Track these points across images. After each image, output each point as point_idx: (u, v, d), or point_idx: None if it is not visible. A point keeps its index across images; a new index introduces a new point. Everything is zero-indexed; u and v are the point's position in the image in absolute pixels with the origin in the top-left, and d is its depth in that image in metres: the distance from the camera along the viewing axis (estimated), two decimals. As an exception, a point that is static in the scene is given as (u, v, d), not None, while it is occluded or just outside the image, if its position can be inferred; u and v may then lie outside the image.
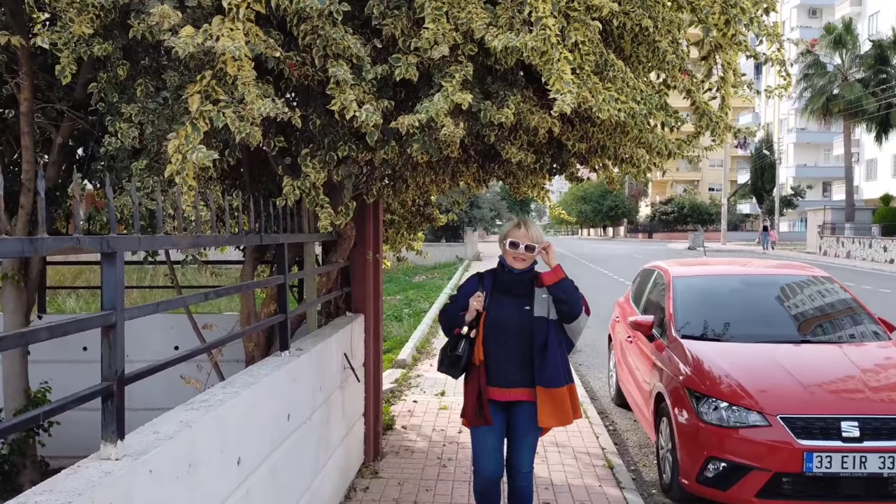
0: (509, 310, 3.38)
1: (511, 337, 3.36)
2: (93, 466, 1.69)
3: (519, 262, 3.39)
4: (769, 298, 5.72)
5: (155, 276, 11.91)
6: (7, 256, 1.31)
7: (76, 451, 1.75)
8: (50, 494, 1.52)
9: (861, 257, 30.85)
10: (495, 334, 3.37)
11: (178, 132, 2.64)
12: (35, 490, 1.55)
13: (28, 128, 3.71)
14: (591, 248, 43.63)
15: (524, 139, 3.66)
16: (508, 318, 3.37)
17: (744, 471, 4.11)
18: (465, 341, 3.34)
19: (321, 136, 3.49)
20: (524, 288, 3.40)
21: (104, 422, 1.74)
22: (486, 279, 3.49)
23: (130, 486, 1.70)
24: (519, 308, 3.37)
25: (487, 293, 3.41)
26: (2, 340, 1.31)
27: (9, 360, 4.20)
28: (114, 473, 1.65)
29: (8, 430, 1.41)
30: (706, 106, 3.53)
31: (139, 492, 1.75)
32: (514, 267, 3.40)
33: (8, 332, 1.47)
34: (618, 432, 6.29)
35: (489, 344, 3.37)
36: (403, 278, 20.60)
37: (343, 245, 4.51)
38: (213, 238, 2.48)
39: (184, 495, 2.01)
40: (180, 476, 1.99)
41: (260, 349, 4.27)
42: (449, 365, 3.41)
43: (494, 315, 3.38)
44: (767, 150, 47.86)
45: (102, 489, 1.58)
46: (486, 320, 3.37)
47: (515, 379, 3.38)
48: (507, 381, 3.38)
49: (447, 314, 3.53)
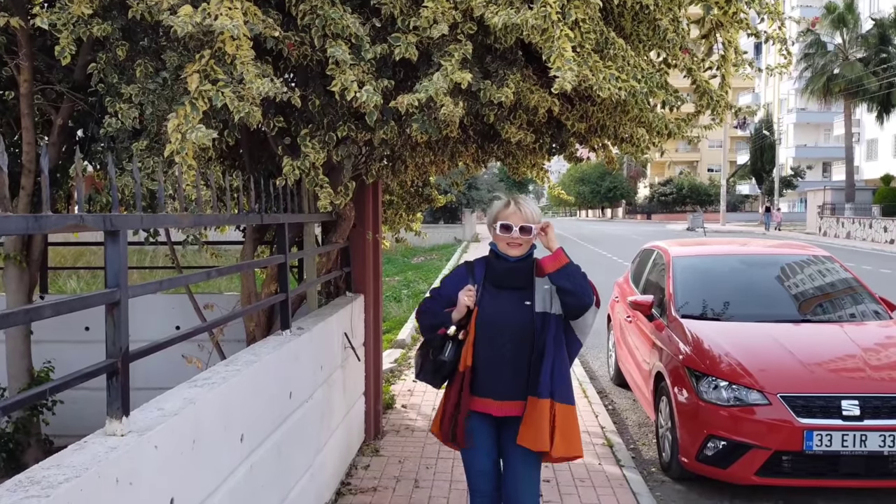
0: (505, 305, 2.81)
1: (508, 338, 2.78)
2: (98, 442, 1.72)
3: (514, 247, 2.82)
4: (769, 278, 5.73)
5: (155, 258, 11.92)
6: (12, 233, 1.31)
7: (80, 431, 1.78)
8: (57, 469, 1.54)
9: (861, 238, 30.86)
10: (489, 335, 2.78)
11: (178, 112, 2.64)
12: (42, 465, 1.57)
13: (28, 109, 3.70)
14: (590, 230, 43.63)
15: (524, 119, 3.66)
16: (505, 315, 2.79)
17: (743, 449, 4.13)
18: (451, 343, 2.78)
19: (320, 117, 3.49)
20: (522, 278, 2.83)
21: (109, 398, 1.76)
22: (476, 269, 2.91)
23: (136, 461, 1.73)
24: (517, 303, 2.80)
25: (479, 286, 2.84)
26: (6, 317, 1.33)
27: (12, 339, 4.22)
28: (119, 449, 1.68)
29: (15, 405, 1.43)
30: (707, 84, 3.52)
31: (145, 467, 1.77)
32: (509, 254, 2.82)
33: (13, 308, 1.48)
34: (617, 411, 6.34)
35: (480, 346, 2.79)
36: (402, 260, 20.62)
37: (343, 226, 4.52)
38: (215, 217, 2.49)
39: (189, 470, 2.04)
40: (185, 452, 2.02)
41: (261, 329, 4.30)
42: (431, 372, 2.85)
43: (488, 312, 2.80)
44: (767, 131, 47.69)
45: (109, 464, 1.61)
46: (477, 318, 2.79)
47: (509, 389, 2.79)
48: (499, 392, 2.80)
49: (429, 312, 2.92)
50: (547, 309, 2.80)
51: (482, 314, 2.80)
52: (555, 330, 2.79)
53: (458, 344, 2.78)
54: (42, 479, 1.49)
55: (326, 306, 4.35)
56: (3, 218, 1.21)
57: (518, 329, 2.78)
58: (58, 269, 10.19)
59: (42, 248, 4.36)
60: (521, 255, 2.82)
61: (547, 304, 2.80)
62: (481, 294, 2.83)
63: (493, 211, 2.89)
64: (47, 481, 1.47)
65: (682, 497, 4.45)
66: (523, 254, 2.83)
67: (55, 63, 3.68)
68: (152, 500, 1.82)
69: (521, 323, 2.79)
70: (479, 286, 2.84)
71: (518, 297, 2.82)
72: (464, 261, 3.16)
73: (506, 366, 2.79)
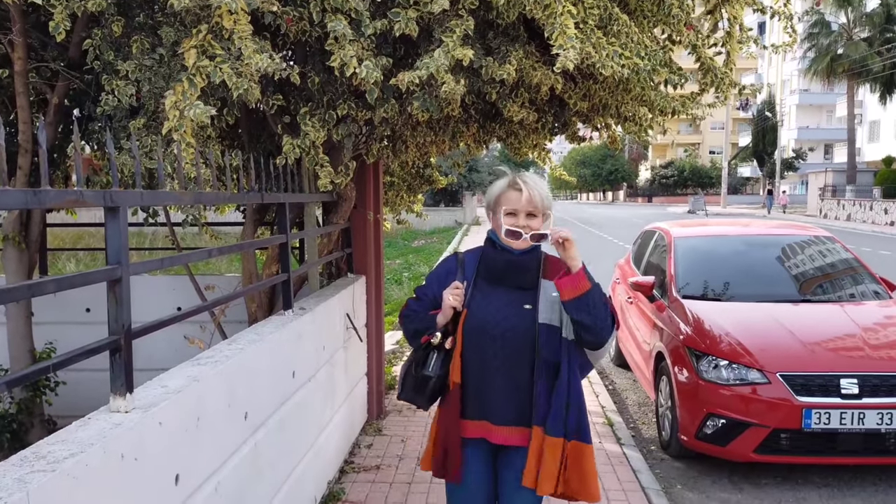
0: (502, 308, 2.26)
1: (499, 346, 2.23)
2: (103, 418, 1.72)
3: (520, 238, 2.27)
4: (770, 258, 5.73)
5: (154, 242, 11.92)
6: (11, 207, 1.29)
7: (82, 412, 1.77)
8: (63, 444, 1.54)
9: (861, 220, 30.84)
10: (477, 342, 2.25)
11: (175, 88, 2.61)
12: (48, 440, 1.57)
13: (23, 88, 3.66)
14: (592, 213, 43.59)
15: (526, 97, 3.63)
16: (500, 319, 2.24)
17: (742, 427, 4.17)
18: (436, 355, 2.28)
19: (320, 95, 3.46)
20: (525, 276, 2.29)
21: (113, 375, 1.76)
22: (467, 262, 2.38)
23: (141, 437, 1.73)
24: (516, 306, 2.26)
25: (470, 283, 2.31)
26: (10, 292, 1.32)
27: (13, 320, 4.22)
28: (124, 425, 1.68)
29: (20, 379, 1.43)
30: (711, 62, 3.48)
31: (150, 443, 1.77)
32: (513, 245, 2.27)
33: (15, 284, 1.47)
34: (617, 391, 6.37)
35: (469, 357, 2.26)
36: (403, 243, 20.62)
37: (344, 206, 4.50)
38: (215, 195, 2.47)
39: (193, 447, 2.05)
40: (189, 429, 2.02)
41: (262, 310, 4.29)
42: (414, 389, 2.33)
43: (479, 315, 2.25)
44: (769, 112, 47.45)
45: (114, 440, 1.61)
46: (466, 323, 2.25)
47: (507, 411, 2.26)
48: (496, 414, 2.27)
49: (412, 316, 2.40)
50: (554, 321, 2.24)
51: (470, 317, 2.26)
52: (567, 352, 2.24)
53: (446, 355, 2.28)
54: (48, 454, 1.49)
55: (328, 287, 4.34)
56: (3, 192, 1.20)
57: (512, 336, 2.22)
58: (57, 251, 10.20)
59: (40, 230, 4.34)
60: (526, 248, 2.27)
61: (554, 316, 2.25)
62: (472, 292, 2.29)
63: (494, 192, 2.32)
64: (53, 456, 1.47)
65: (680, 474, 4.50)
66: (529, 246, 2.27)
67: (49, 40, 3.64)
68: (157, 477, 1.82)
69: (517, 329, 2.23)
70: (469, 283, 2.31)
71: (516, 297, 2.27)
72: (453, 251, 2.59)
73: (498, 381, 2.24)
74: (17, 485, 1.34)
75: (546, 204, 2.28)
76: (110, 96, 3.07)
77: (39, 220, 4.27)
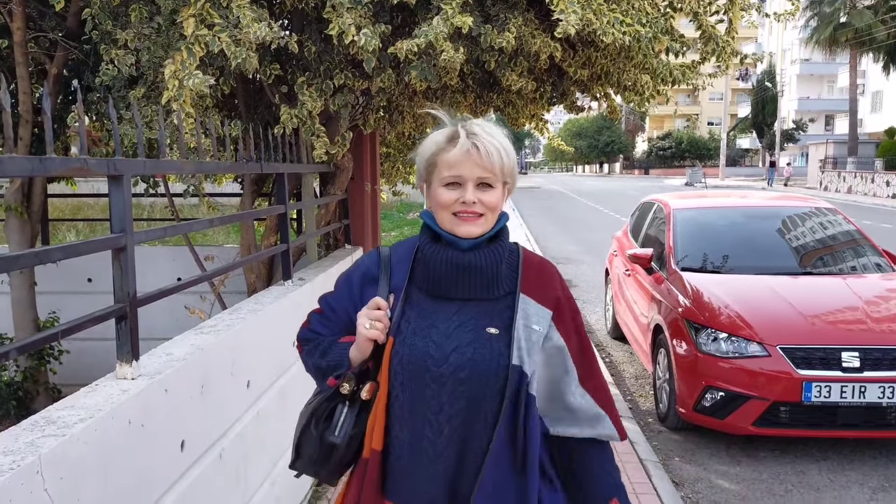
0: (451, 332, 1.42)
1: (453, 395, 1.39)
2: (110, 385, 1.75)
3: (468, 220, 1.42)
4: (771, 230, 5.70)
5: (152, 213, 11.93)
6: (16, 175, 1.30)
7: (86, 380, 1.80)
8: (72, 410, 1.57)
9: (862, 192, 30.76)
10: (416, 389, 1.41)
11: (174, 57, 2.59)
12: (57, 406, 1.60)
13: (22, 58, 3.64)
14: (589, 186, 43.52)
15: (524, 66, 3.61)
16: (448, 350, 1.40)
17: (741, 400, 4.16)
18: (347, 409, 1.45)
19: (317, 64, 3.44)
20: (484, 280, 1.44)
21: (119, 343, 1.78)
22: (396, 262, 1.51)
23: (148, 403, 1.76)
24: (474, 330, 1.42)
25: (399, 296, 1.46)
26: (17, 259, 1.33)
27: (17, 290, 4.26)
28: (131, 391, 1.71)
29: (30, 345, 1.45)
30: (713, 30, 3.46)
31: (156, 409, 1.81)
32: (458, 233, 1.43)
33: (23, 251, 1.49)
34: (614, 364, 6.42)
35: (401, 412, 1.42)
36: (398, 215, 20.59)
37: (341, 177, 4.51)
38: (215, 164, 2.47)
39: (199, 414, 2.08)
40: (194, 396, 2.05)
41: (262, 281, 4.33)
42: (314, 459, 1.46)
43: (416, 345, 1.41)
44: (769, 82, 47.07)
45: (122, 405, 1.64)
46: (395, 358, 1.42)
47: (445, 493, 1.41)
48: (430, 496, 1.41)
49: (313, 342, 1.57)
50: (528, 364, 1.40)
51: (402, 349, 1.41)
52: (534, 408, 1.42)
53: (362, 408, 1.44)
54: (58, 419, 1.52)
55: (326, 258, 4.37)
56: (9, 159, 1.21)
57: (468, 377, 1.38)
58: (57, 221, 10.22)
59: (42, 200, 4.36)
60: (480, 235, 1.43)
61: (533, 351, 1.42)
62: (402, 310, 1.44)
63: (426, 150, 1.46)
64: (63, 421, 1.50)
65: (678, 446, 4.53)
66: (485, 232, 1.43)
67: (48, 10, 3.61)
68: (164, 443, 1.86)
69: (477, 366, 1.38)
70: (398, 297, 1.46)
71: (474, 316, 1.43)
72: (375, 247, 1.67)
73: (443, 447, 1.39)
74: (30, 448, 1.37)
75: (508, 166, 1.42)
76: (110, 66, 3.05)
77: (41, 191, 4.28)
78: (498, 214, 1.46)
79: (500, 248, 1.47)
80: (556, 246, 14.19)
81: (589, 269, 11.22)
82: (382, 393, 1.42)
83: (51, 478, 1.36)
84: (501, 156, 1.41)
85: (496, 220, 1.46)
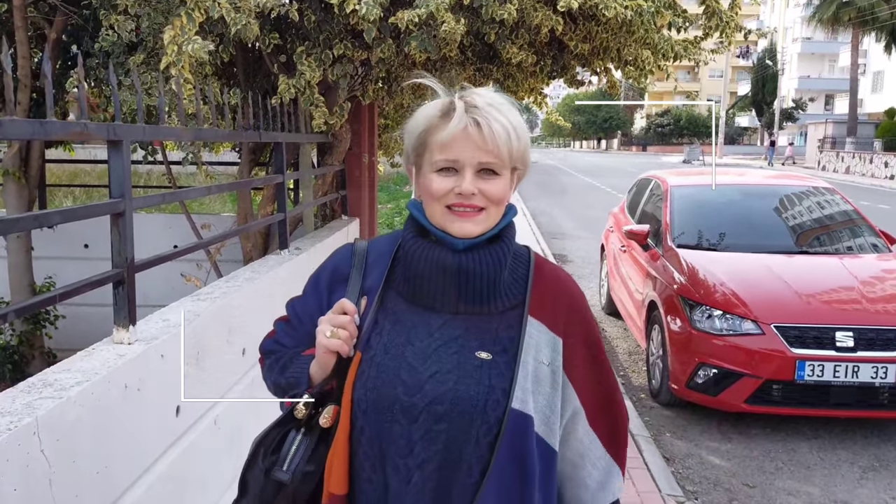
0: (431, 353, 1.12)
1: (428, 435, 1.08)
2: (107, 349, 1.76)
3: (465, 216, 1.12)
4: (768, 209, 5.70)
5: (149, 181, 11.88)
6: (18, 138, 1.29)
7: (82, 346, 1.81)
8: (69, 373, 1.59)
9: (861, 173, 30.71)
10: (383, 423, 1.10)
11: (174, 23, 2.57)
12: (54, 369, 1.62)
13: (21, 23, 3.60)
14: (586, 162, 43.40)
15: (525, 39, 3.58)
16: (425, 377, 1.10)
17: (734, 377, 4.18)
18: (301, 437, 1.14)
19: (316, 34, 3.40)
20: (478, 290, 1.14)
21: (116, 307, 1.79)
22: (372, 259, 1.23)
23: (144, 368, 1.78)
24: (460, 352, 1.12)
25: (372, 301, 1.18)
26: (17, 221, 1.34)
27: (13, 254, 4.27)
28: (128, 356, 1.72)
29: (27, 308, 1.46)
30: (716, 5, 3.42)
31: (152, 374, 1.82)
32: (452, 231, 1.12)
33: (22, 214, 1.49)
34: (607, 339, 6.46)
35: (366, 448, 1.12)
36: (394, 187, 20.52)
37: (339, 148, 4.49)
38: (214, 132, 2.46)
39: (194, 381, 2.11)
40: (190, 363, 2.07)
41: (258, 250, 4.33)
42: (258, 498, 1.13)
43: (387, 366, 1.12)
44: (770, 60, 46.70)
45: (118, 370, 1.65)
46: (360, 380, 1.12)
47: None
48: None
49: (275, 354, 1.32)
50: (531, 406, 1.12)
51: (370, 369, 1.13)
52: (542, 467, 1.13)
53: (320, 439, 1.14)
54: (55, 381, 1.53)
55: (322, 228, 4.37)
56: (10, 122, 1.20)
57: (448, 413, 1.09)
58: (55, 187, 10.20)
59: (40, 165, 4.34)
60: (479, 235, 1.14)
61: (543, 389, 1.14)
62: (375, 319, 1.17)
63: (417, 125, 1.18)
64: (60, 384, 1.52)
65: (669, 422, 4.57)
66: (486, 230, 1.14)
67: (44, -28, 3.56)
68: (159, 407, 1.88)
69: (461, 402, 1.09)
70: (370, 303, 1.18)
71: (463, 334, 1.14)
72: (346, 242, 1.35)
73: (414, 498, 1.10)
74: (27, 409, 1.39)
75: (517, 149, 1.12)
76: (110, 31, 3.02)
77: (39, 156, 4.26)
78: (503, 209, 1.15)
79: (503, 251, 1.15)
80: (552, 221, 14.20)
81: (584, 244, 11.24)
82: (344, 422, 1.11)
83: (47, 439, 1.38)
84: (510, 135, 1.09)
85: (501, 215, 1.15)
